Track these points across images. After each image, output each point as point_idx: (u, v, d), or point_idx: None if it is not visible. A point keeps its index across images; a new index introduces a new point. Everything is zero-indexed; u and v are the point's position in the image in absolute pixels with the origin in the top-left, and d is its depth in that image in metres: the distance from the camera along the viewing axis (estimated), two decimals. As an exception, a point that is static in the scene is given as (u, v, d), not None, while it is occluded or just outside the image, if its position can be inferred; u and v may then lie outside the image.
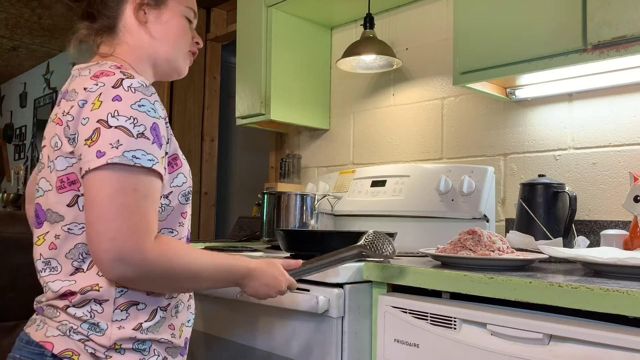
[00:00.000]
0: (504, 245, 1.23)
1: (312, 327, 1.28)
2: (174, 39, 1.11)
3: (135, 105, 0.91)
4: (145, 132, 0.90)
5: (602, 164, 1.58)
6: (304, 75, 2.27)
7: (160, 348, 0.98)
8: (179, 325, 1.02)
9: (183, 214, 1.03)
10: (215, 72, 3.31)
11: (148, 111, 0.92)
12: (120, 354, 0.93)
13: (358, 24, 2.27)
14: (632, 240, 1.32)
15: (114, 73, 0.94)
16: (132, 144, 0.88)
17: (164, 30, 1.09)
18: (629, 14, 1.23)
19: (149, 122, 0.91)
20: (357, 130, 2.27)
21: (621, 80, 1.51)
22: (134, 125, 0.89)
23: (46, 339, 0.93)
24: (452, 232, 1.72)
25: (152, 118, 0.92)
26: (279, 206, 1.88)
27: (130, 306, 0.94)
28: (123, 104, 0.90)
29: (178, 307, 1.02)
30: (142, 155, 0.89)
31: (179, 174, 1.00)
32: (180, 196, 1.01)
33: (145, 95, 0.93)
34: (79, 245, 0.93)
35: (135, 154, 0.88)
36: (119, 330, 0.93)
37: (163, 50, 1.10)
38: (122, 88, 0.92)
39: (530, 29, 1.40)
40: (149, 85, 0.96)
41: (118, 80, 0.93)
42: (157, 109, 0.94)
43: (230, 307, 1.50)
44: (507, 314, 0.99)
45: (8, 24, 3.99)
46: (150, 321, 0.96)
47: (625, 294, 0.84)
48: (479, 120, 1.87)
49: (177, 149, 1.02)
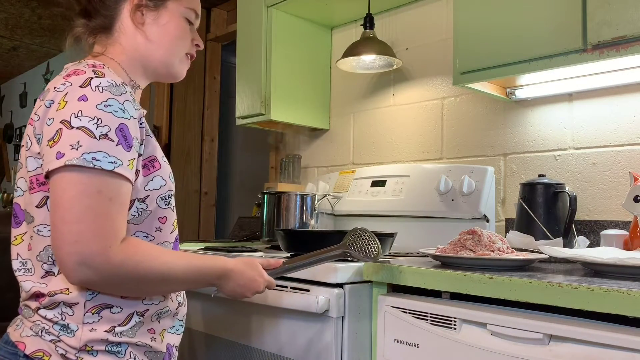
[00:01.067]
0: (504, 245, 1.23)
1: (312, 327, 1.28)
2: (170, 42, 1.08)
3: (101, 105, 0.89)
4: (109, 134, 0.88)
5: (602, 164, 1.58)
6: (304, 75, 2.27)
7: (138, 351, 0.97)
8: (159, 330, 1.00)
9: (161, 219, 0.99)
10: (215, 72, 3.31)
11: (115, 111, 0.89)
12: (92, 355, 0.92)
13: (358, 24, 2.27)
14: (632, 240, 1.32)
15: (84, 72, 0.92)
16: (93, 145, 0.86)
17: (161, 33, 1.07)
18: (629, 14, 1.23)
19: (115, 122, 0.89)
20: (357, 130, 2.27)
21: (621, 80, 1.51)
22: (97, 126, 0.87)
23: (20, 338, 0.93)
24: (452, 232, 1.72)
25: (119, 119, 0.90)
26: (279, 206, 1.88)
27: (103, 309, 0.93)
28: (88, 104, 0.88)
29: (160, 314, 1.00)
30: (102, 158, 0.86)
31: (156, 176, 0.98)
32: (159, 200, 0.98)
33: (114, 95, 0.91)
34: (47, 248, 0.92)
35: (96, 155, 0.86)
36: (90, 332, 0.92)
37: (158, 53, 1.07)
38: (90, 87, 0.90)
39: (530, 29, 1.40)
40: (120, 85, 0.93)
41: (87, 79, 0.91)
42: (127, 109, 0.91)
43: (230, 307, 1.50)
44: (507, 314, 0.99)
45: (8, 24, 3.99)
46: (124, 325, 0.94)
47: (625, 294, 0.84)
48: (479, 120, 1.87)
49: (156, 150, 1.00)
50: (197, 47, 1.14)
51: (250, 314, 1.44)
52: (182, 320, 1.08)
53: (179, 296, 1.06)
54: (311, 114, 2.30)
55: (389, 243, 1.38)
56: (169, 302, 1.02)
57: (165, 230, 1.01)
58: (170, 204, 1.01)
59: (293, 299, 1.28)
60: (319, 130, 2.39)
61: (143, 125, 0.97)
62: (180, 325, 1.07)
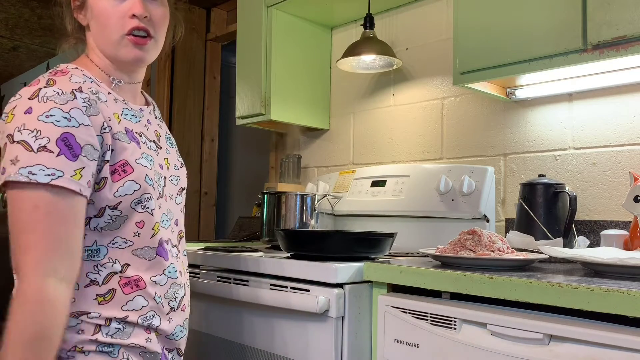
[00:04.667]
0: (504, 245, 1.23)
1: (312, 327, 1.28)
2: (102, 31, 1.01)
3: (43, 116, 0.88)
4: (49, 145, 0.87)
5: (602, 164, 1.58)
6: (304, 75, 2.27)
7: (132, 352, 0.96)
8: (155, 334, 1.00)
9: (138, 224, 0.98)
10: (215, 72, 3.31)
11: (57, 121, 0.88)
12: (84, 354, 0.92)
13: (358, 24, 2.27)
14: (632, 240, 1.32)
15: (38, 82, 0.92)
16: (30, 159, 0.86)
17: (95, 28, 1.03)
18: (629, 14, 1.23)
19: (56, 133, 0.87)
20: (357, 130, 2.27)
21: (621, 80, 1.51)
22: (36, 139, 0.86)
23: None
24: (452, 232, 1.72)
25: (61, 128, 0.88)
26: (279, 206, 1.88)
27: (80, 315, 0.93)
28: (31, 117, 0.88)
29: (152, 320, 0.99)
30: (39, 171, 0.86)
31: (128, 181, 0.96)
32: (133, 204, 0.97)
33: (58, 104, 0.89)
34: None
35: (32, 169, 0.85)
36: (77, 334, 0.92)
37: (102, 49, 1.03)
38: (37, 99, 0.89)
39: (530, 29, 1.40)
40: (69, 92, 0.91)
41: (36, 90, 0.91)
42: (74, 117, 0.90)
43: (230, 307, 1.50)
44: (507, 314, 0.99)
45: (8, 24, 3.99)
46: (108, 326, 0.94)
47: (625, 294, 0.84)
48: (479, 120, 1.87)
49: (132, 154, 0.97)
50: (133, 17, 1.00)
51: (250, 314, 1.44)
52: (182, 325, 1.06)
53: (173, 301, 1.04)
54: (311, 114, 2.30)
55: (389, 243, 1.38)
56: (158, 306, 1.00)
57: (144, 235, 0.99)
58: (148, 208, 0.99)
59: (293, 299, 1.28)
60: (319, 130, 2.39)
61: (108, 129, 0.95)
62: (181, 330, 1.06)
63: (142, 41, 1.02)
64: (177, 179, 1.13)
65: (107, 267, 0.96)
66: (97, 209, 0.95)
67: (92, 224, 0.95)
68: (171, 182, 1.11)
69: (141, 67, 1.08)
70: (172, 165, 1.13)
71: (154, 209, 1.00)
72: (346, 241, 1.33)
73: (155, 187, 1.01)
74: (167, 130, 1.20)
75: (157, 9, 1.04)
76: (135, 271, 0.98)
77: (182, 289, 1.07)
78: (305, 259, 1.34)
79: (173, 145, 1.19)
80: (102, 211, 0.95)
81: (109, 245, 0.96)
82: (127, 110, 1.04)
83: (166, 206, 1.07)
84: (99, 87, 1.00)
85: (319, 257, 1.33)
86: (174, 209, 1.11)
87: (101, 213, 0.95)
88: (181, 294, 1.07)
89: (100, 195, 0.94)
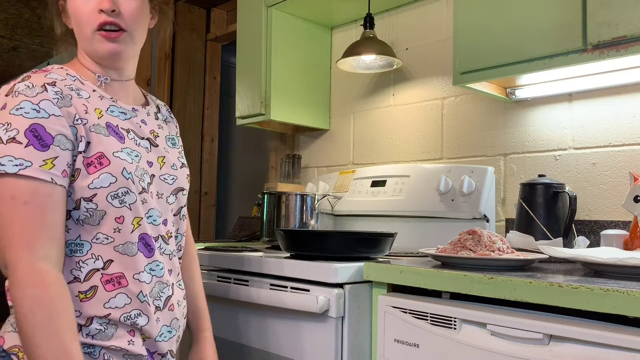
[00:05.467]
0: (504, 245, 1.23)
1: (312, 327, 1.28)
2: (77, 32, 1.05)
3: (14, 109, 0.91)
4: (17, 136, 0.89)
5: (602, 164, 1.58)
6: (304, 75, 2.27)
7: (113, 354, 0.96)
8: (140, 334, 0.99)
9: (118, 219, 0.97)
10: (215, 72, 3.31)
11: (26, 113, 0.90)
12: None
13: (358, 24, 2.27)
14: (632, 240, 1.32)
15: (17, 79, 0.95)
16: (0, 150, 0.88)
17: (74, 24, 1.05)
18: (629, 14, 1.23)
19: (25, 124, 0.90)
20: (357, 130, 2.27)
21: (621, 80, 1.51)
22: (6, 131, 0.89)
23: (2, 333, 0.95)
24: (452, 232, 1.72)
25: (30, 119, 0.90)
26: (279, 206, 1.88)
27: None
28: (4, 111, 0.91)
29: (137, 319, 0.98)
30: (8, 162, 0.88)
31: (103, 174, 0.95)
32: (110, 198, 0.96)
33: (28, 97, 0.92)
34: None
35: (2, 160, 0.88)
36: None
37: (81, 44, 1.06)
38: (11, 95, 0.92)
39: (530, 29, 1.40)
40: (40, 86, 0.93)
41: (12, 87, 0.93)
42: (43, 109, 0.92)
43: (230, 307, 1.50)
44: (507, 314, 0.99)
45: (8, 24, 3.99)
46: (88, 326, 0.94)
47: (625, 294, 0.84)
48: (479, 120, 1.87)
49: (109, 147, 0.97)
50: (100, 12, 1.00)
51: (250, 314, 1.44)
52: (169, 326, 1.04)
53: (157, 300, 1.02)
54: (311, 114, 2.30)
55: (389, 243, 1.38)
56: (143, 305, 0.99)
57: (124, 230, 0.98)
58: (127, 202, 0.98)
59: (293, 299, 1.28)
60: (319, 130, 2.39)
61: (82, 122, 0.96)
62: (168, 331, 1.04)
63: (113, 35, 1.02)
64: (172, 179, 1.11)
65: (88, 263, 0.95)
66: (74, 201, 0.95)
67: (74, 216, 0.96)
68: (163, 181, 1.09)
69: (119, 60, 1.06)
70: (169, 164, 1.11)
71: (132, 203, 0.99)
72: (346, 241, 1.34)
73: (135, 182, 1.00)
74: (171, 131, 1.20)
75: (129, 3, 1.03)
76: (117, 268, 0.97)
77: (169, 288, 1.05)
78: (305, 259, 1.34)
79: (175, 145, 1.18)
80: (78, 203, 0.95)
81: (92, 241, 0.96)
82: (114, 107, 1.05)
83: (154, 203, 1.05)
84: (82, 84, 1.02)
85: (319, 257, 1.33)
86: (163, 208, 1.08)
87: (77, 205, 0.95)
88: (167, 293, 1.04)
89: (75, 186, 0.95)
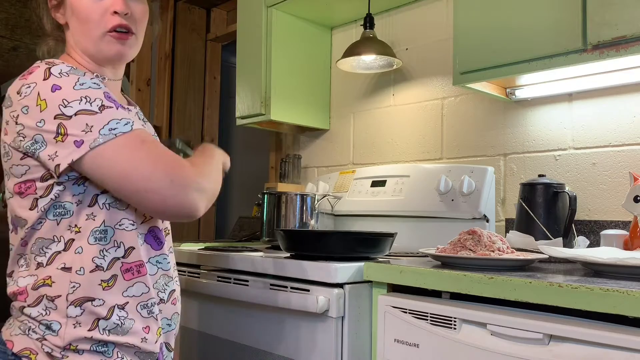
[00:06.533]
0: (504, 245, 1.23)
1: (312, 327, 1.28)
2: (83, 28, 1.02)
3: (77, 85, 0.91)
4: (105, 102, 0.91)
5: (602, 164, 1.58)
6: (304, 75, 2.27)
7: (126, 352, 0.96)
8: (155, 329, 1.00)
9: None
10: (215, 72, 3.31)
11: (92, 85, 0.92)
12: (78, 354, 0.92)
13: (358, 24, 2.27)
14: (632, 240, 1.32)
15: (38, 67, 0.94)
16: (101, 119, 0.90)
17: (75, 25, 1.03)
18: (629, 14, 1.23)
19: (100, 94, 0.92)
20: (357, 130, 2.27)
21: (621, 80, 1.51)
22: (91, 103, 0.90)
23: (10, 337, 0.94)
24: (452, 232, 1.72)
25: (99, 90, 0.93)
26: (279, 206, 1.88)
27: (84, 302, 0.93)
28: (66, 90, 0.90)
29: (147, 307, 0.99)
30: (117, 124, 0.90)
31: None
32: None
33: (79, 75, 0.93)
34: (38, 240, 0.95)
35: (110, 126, 0.90)
36: (74, 329, 0.92)
37: (83, 46, 1.04)
38: (54, 76, 0.91)
39: (530, 29, 1.40)
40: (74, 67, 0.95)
41: (45, 71, 0.92)
42: (97, 83, 0.94)
43: (230, 307, 1.50)
44: (507, 314, 0.99)
45: (8, 24, 3.99)
46: (107, 319, 0.94)
47: (625, 294, 0.84)
48: (479, 120, 1.87)
49: None
50: (114, 14, 1.01)
51: (250, 313, 1.44)
52: (170, 319, 1.06)
53: (162, 292, 1.03)
54: (311, 114, 2.30)
55: (389, 243, 1.38)
56: (153, 292, 1.00)
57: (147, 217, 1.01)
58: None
59: (293, 298, 1.28)
60: (319, 130, 2.39)
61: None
62: (167, 324, 1.05)
63: (124, 37, 1.03)
64: None
65: (111, 252, 0.96)
66: None
67: (100, 200, 0.96)
68: None
69: (122, 62, 1.09)
70: None
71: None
72: (346, 241, 1.34)
73: None
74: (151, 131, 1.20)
75: (138, 6, 1.06)
76: (138, 255, 0.98)
77: (173, 282, 1.07)
78: (305, 259, 1.34)
79: None
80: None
81: (116, 227, 0.96)
82: None
83: None
84: None
85: (319, 257, 1.33)
86: None
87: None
88: (172, 287, 1.06)
89: None
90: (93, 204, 0.95)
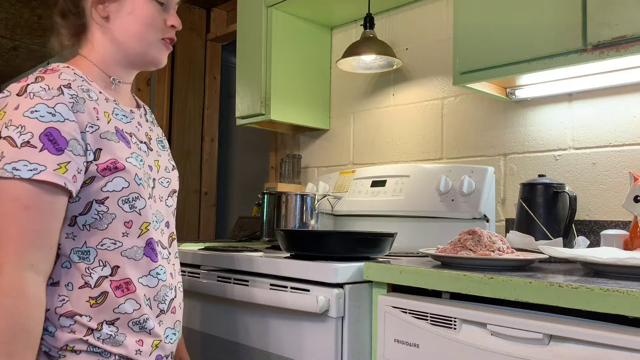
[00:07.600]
0: (504, 245, 1.23)
1: (312, 327, 1.28)
2: (138, 31, 1.04)
3: (28, 112, 0.89)
4: (32, 140, 0.88)
5: (602, 164, 1.58)
6: (304, 75, 2.27)
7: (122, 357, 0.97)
8: (149, 342, 1.00)
9: (127, 223, 0.98)
10: (215, 72, 3.31)
11: (41, 116, 0.89)
12: (76, 354, 0.92)
13: (358, 24, 2.27)
14: (632, 240, 1.32)
15: (27, 79, 0.93)
16: (14, 154, 0.87)
17: (128, 23, 1.03)
18: (629, 14, 1.23)
19: (40, 128, 0.88)
20: (357, 130, 2.27)
21: (621, 80, 1.51)
22: (20, 134, 0.88)
23: None
24: (452, 232, 1.72)
25: (45, 123, 0.89)
26: (279, 206, 1.88)
27: (74, 315, 0.93)
28: (17, 112, 0.89)
29: (145, 324, 0.99)
30: (22, 166, 0.87)
31: (117, 177, 0.96)
32: (121, 202, 0.97)
33: (44, 100, 0.90)
34: None
35: (17, 165, 0.87)
36: (69, 334, 0.93)
37: (129, 45, 1.04)
38: (24, 95, 0.90)
39: (530, 29, 1.40)
40: (56, 88, 0.92)
41: (23, 87, 0.91)
42: (59, 112, 0.90)
43: (230, 307, 1.50)
44: (507, 314, 0.99)
45: (8, 24, 3.99)
46: (99, 331, 0.94)
47: (625, 294, 0.84)
48: (479, 120, 1.87)
49: (121, 152, 0.98)
50: (172, 27, 1.08)
51: (250, 314, 1.44)
52: (173, 328, 1.06)
53: (162, 303, 1.03)
54: (311, 114, 2.30)
55: (389, 243, 1.38)
56: (146, 309, 1.00)
57: (132, 234, 0.99)
58: (136, 207, 0.99)
59: (293, 298, 1.28)
60: (319, 130, 2.39)
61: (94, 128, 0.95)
62: (173, 333, 1.06)
63: (170, 48, 1.10)
64: (167, 182, 1.13)
65: (97, 271, 0.96)
66: (83, 205, 0.95)
67: (80, 222, 0.95)
68: (161, 184, 1.10)
69: (156, 68, 1.12)
70: (163, 167, 1.13)
71: (142, 208, 1.00)
72: (346, 241, 1.34)
73: (145, 187, 1.01)
74: (159, 134, 1.20)
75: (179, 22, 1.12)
76: (125, 274, 0.98)
77: (172, 291, 1.06)
78: (305, 259, 1.34)
79: (165, 148, 1.19)
80: (88, 206, 0.95)
81: (98, 247, 0.96)
82: (117, 110, 1.05)
83: (156, 208, 1.06)
84: (90, 85, 1.01)
85: (319, 257, 1.33)
86: (164, 211, 1.10)
87: (87, 209, 0.95)
88: (171, 296, 1.06)
89: (88, 190, 0.94)
90: (73, 224, 0.95)
